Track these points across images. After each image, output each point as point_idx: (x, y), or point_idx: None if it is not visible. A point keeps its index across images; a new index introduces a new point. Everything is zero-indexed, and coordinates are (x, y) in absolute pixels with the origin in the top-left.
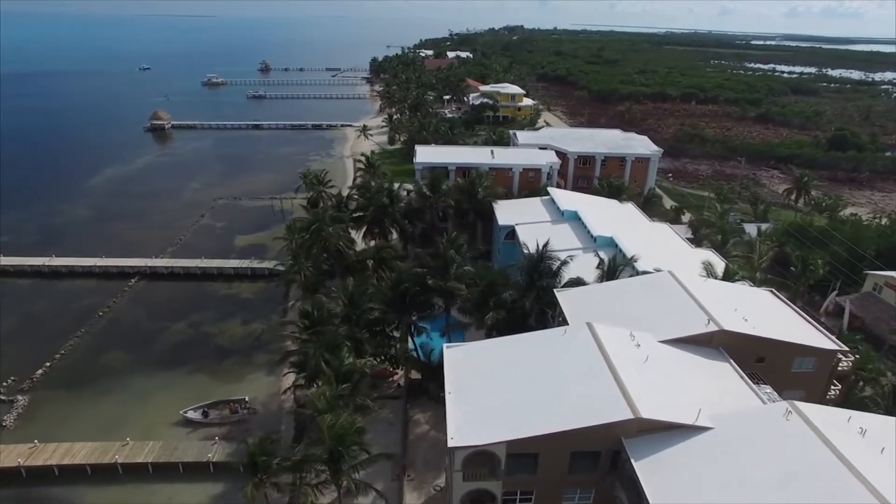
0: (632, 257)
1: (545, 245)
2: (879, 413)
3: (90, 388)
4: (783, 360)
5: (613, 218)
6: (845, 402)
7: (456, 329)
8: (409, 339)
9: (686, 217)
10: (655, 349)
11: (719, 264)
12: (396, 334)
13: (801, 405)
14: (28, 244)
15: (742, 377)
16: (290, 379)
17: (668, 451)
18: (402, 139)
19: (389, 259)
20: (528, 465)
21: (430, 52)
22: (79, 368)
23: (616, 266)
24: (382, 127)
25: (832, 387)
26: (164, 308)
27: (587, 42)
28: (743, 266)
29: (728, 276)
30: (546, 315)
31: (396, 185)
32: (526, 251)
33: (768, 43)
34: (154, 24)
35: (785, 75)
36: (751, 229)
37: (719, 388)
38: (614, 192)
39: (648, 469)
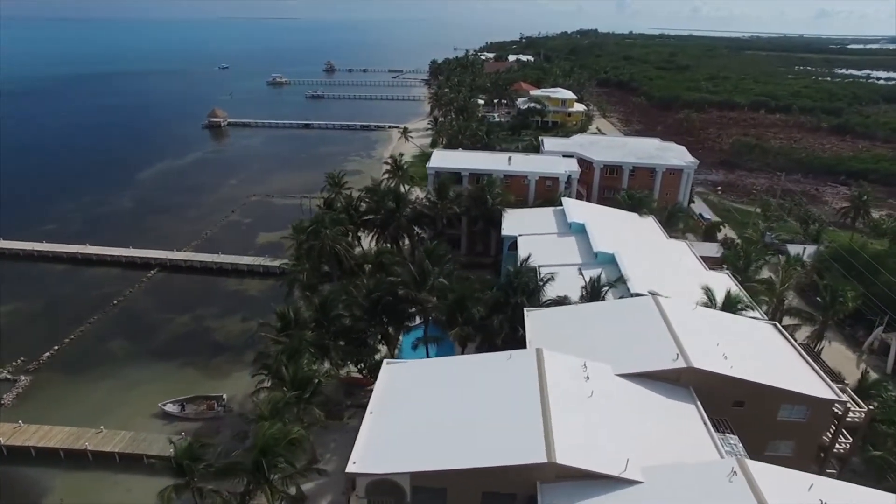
0: (619, 278)
1: (525, 260)
2: (892, 476)
3: (87, 373)
4: (767, 407)
5: (626, 233)
6: (857, 458)
7: (433, 342)
8: (388, 348)
9: (723, 234)
10: (608, 384)
11: (725, 290)
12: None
13: (754, 465)
14: (72, 232)
15: (705, 423)
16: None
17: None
18: (444, 142)
19: (388, 265)
20: (436, 501)
21: (491, 55)
22: (82, 354)
23: (600, 286)
24: (428, 129)
25: (841, 440)
26: (175, 300)
27: (661, 47)
28: (763, 293)
29: (730, 304)
30: (517, 334)
31: (405, 189)
32: (510, 267)
33: (868, 46)
34: (240, 26)
35: (881, 82)
36: (796, 251)
37: (673, 435)
38: (636, 204)
39: None
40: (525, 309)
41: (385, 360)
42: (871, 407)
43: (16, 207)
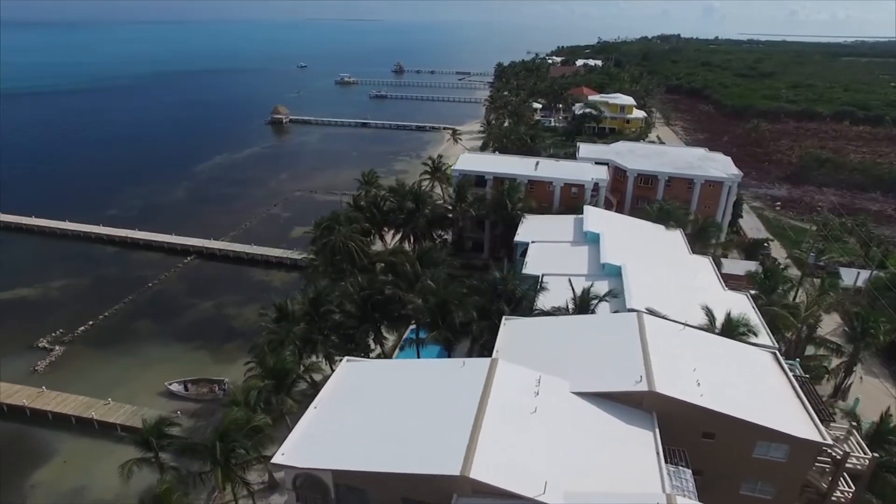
0: (609, 291)
1: (510, 268)
2: None
3: (111, 348)
4: (740, 442)
5: (644, 245)
6: None
7: (421, 343)
8: (379, 346)
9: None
10: (559, 401)
11: (732, 312)
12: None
13: (684, 503)
14: (129, 217)
15: (657, 453)
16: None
17: None
18: (494, 145)
19: (399, 264)
20: (358, 501)
21: (558, 59)
22: (111, 330)
23: (589, 298)
24: (481, 132)
25: (843, 487)
26: (203, 286)
27: (746, 53)
28: (783, 318)
29: (730, 328)
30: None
31: (441, 189)
32: (496, 273)
33: None
34: (325, 27)
35: None
36: (849, 275)
37: (619, 461)
38: (664, 216)
39: None
40: (504, 317)
41: (346, 358)
42: (875, 455)
43: (88, 193)
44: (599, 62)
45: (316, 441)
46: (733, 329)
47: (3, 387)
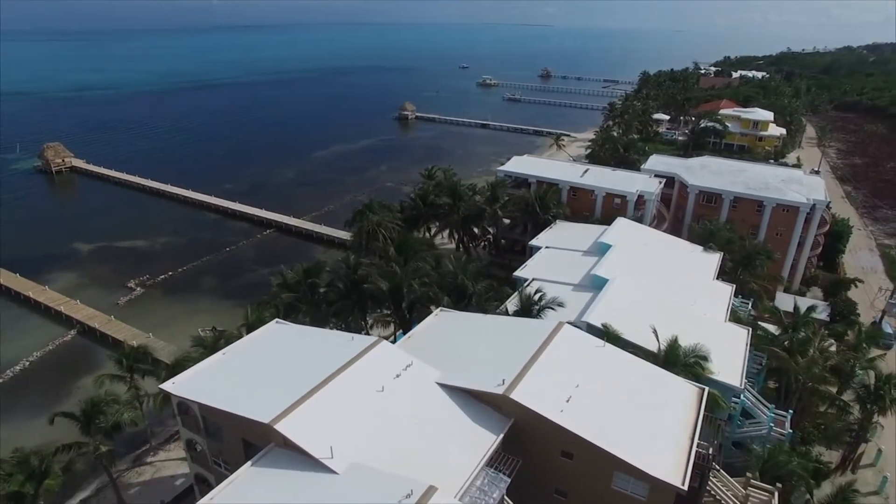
0: (552, 298)
1: (461, 262)
2: None
3: (174, 296)
4: (598, 469)
5: (658, 264)
6: None
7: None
8: (361, 322)
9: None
10: (415, 387)
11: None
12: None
13: (439, 498)
14: (239, 191)
15: (482, 456)
16: None
17: (280, 472)
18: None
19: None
20: (218, 436)
21: (711, 70)
22: (182, 281)
23: (530, 305)
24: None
25: None
26: (269, 256)
27: None
28: (788, 363)
29: (672, 357)
30: None
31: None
32: (450, 266)
33: None
34: (498, 30)
35: None
36: None
37: (438, 453)
38: (706, 237)
39: (249, 477)
40: (439, 307)
41: (275, 320)
42: None
43: (217, 169)
44: (763, 74)
45: (202, 378)
46: (677, 358)
47: (89, 311)
